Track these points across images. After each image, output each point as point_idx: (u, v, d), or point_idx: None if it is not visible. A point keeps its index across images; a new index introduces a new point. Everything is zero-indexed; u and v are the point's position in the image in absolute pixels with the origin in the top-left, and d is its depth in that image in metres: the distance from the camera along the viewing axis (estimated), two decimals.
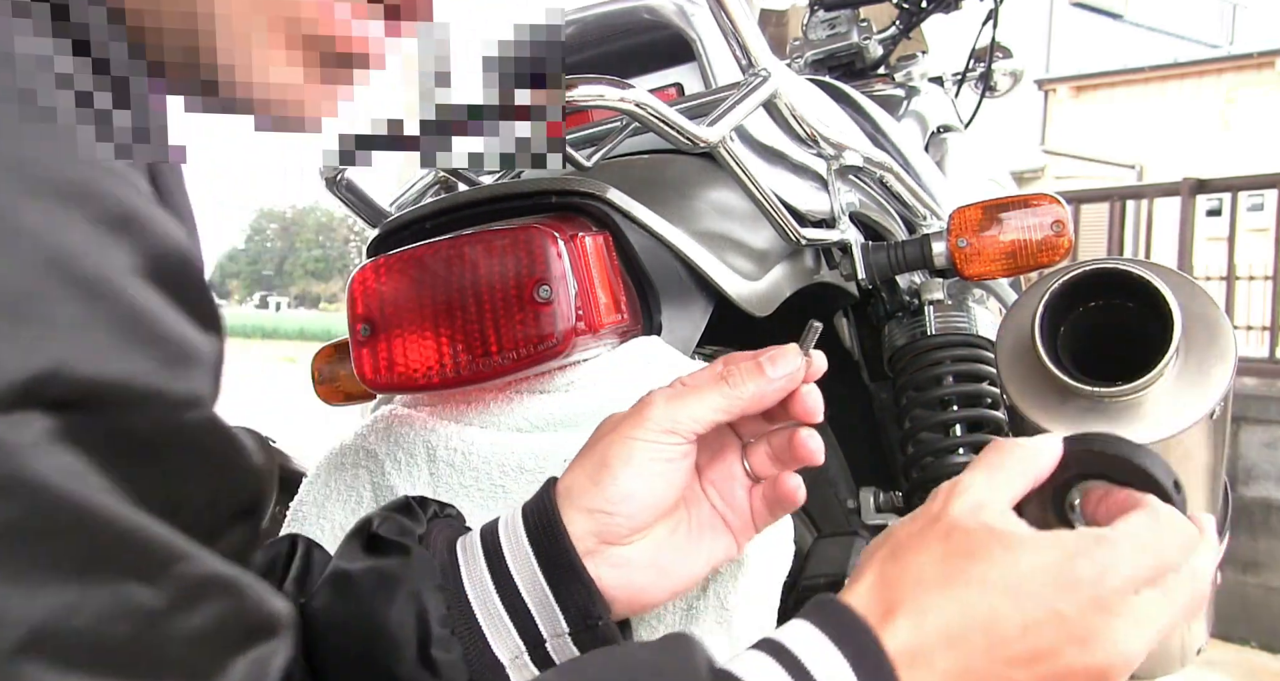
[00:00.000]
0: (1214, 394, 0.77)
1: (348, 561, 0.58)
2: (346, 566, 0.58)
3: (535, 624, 0.56)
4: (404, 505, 0.62)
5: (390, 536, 0.58)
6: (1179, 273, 0.80)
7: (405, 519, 0.60)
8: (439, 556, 0.58)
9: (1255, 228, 7.52)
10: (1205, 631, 1.11)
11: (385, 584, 0.56)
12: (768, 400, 0.59)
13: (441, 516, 0.63)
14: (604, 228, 0.85)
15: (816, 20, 1.88)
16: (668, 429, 0.57)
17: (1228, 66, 13.05)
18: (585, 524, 0.57)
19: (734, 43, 0.95)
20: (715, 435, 0.62)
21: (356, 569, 0.57)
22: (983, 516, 0.47)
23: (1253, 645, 3.55)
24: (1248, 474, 3.64)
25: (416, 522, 0.60)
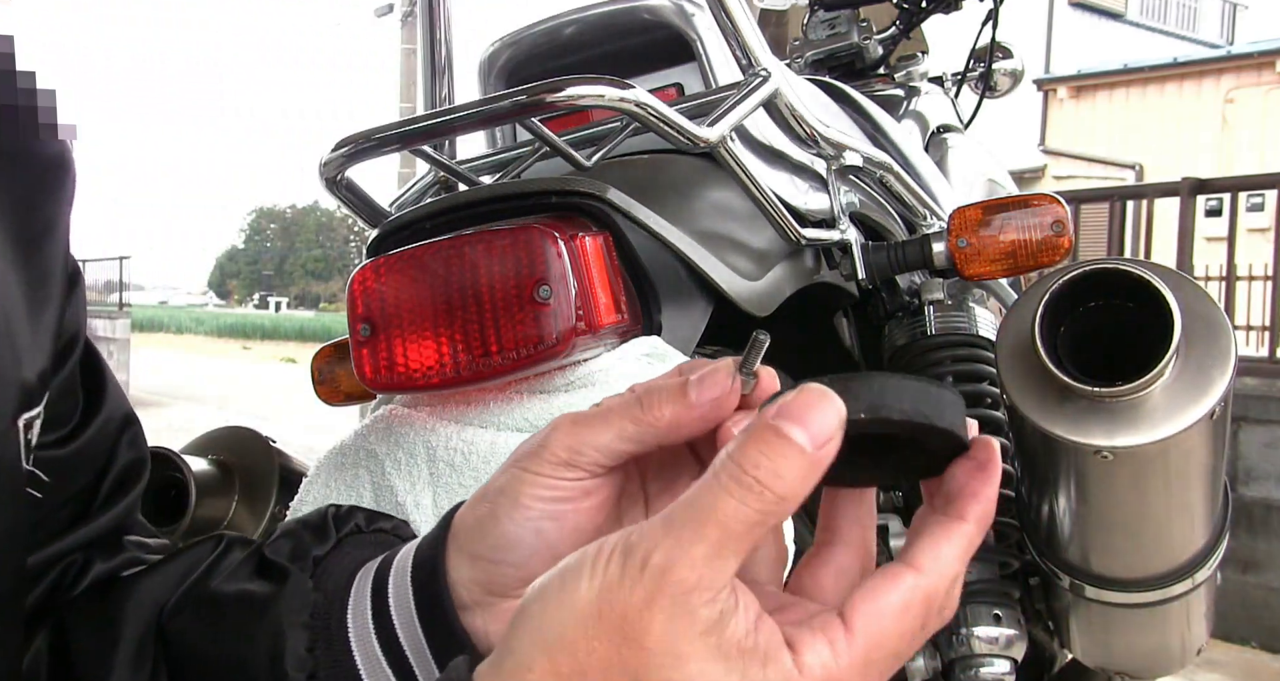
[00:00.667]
0: (1214, 394, 0.77)
1: (226, 580, 0.53)
2: (221, 586, 0.53)
3: (413, 671, 0.49)
4: (318, 520, 0.55)
5: (275, 558, 0.52)
6: (1179, 273, 0.80)
7: (309, 536, 0.54)
8: (332, 584, 0.51)
9: (1255, 228, 7.52)
10: (1205, 631, 1.11)
11: (249, 615, 0.50)
12: (688, 430, 0.43)
13: (366, 531, 0.56)
14: (604, 228, 0.85)
15: (816, 20, 1.88)
16: (564, 460, 0.45)
17: (1228, 66, 13.04)
18: (469, 571, 0.47)
19: (734, 43, 0.95)
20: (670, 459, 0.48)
21: (227, 592, 0.52)
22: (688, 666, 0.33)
23: (1253, 645, 3.55)
24: (1248, 474, 3.64)
25: (321, 541, 0.53)
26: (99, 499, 0.59)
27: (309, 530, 0.54)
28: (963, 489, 0.38)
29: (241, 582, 0.52)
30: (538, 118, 0.80)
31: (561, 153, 0.87)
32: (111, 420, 0.60)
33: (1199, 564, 0.96)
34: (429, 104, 1.17)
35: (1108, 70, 13.76)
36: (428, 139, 0.83)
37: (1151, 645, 1.09)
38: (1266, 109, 12.51)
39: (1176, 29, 17.48)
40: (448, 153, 1.15)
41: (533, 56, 1.26)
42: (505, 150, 1.16)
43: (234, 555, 0.55)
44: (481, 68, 1.28)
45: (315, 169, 0.88)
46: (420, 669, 0.49)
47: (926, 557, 0.36)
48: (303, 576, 0.51)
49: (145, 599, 0.54)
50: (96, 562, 0.57)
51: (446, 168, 1.02)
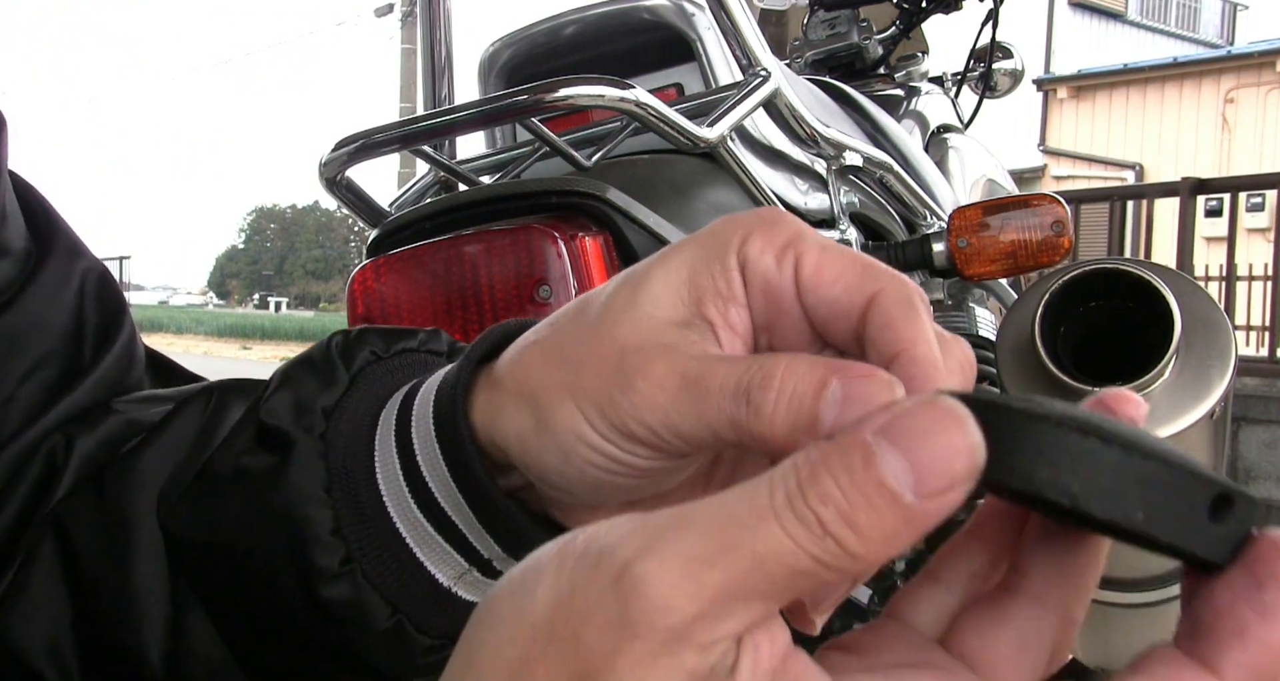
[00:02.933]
0: (1214, 394, 0.77)
1: (222, 454, 0.42)
2: (216, 463, 0.42)
3: (472, 544, 0.39)
4: (321, 357, 0.42)
5: (273, 421, 0.41)
6: (1179, 273, 0.80)
7: (312, 382, 0.41)
8: (348, 440, 0.40)
9: (1255, 228, 7.54)
10: None
11: (253, 497, 0.40)
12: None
13: (386, 357, 0.43)
14: (604, 228, 0.85)
15: (816, 20, 1.88)
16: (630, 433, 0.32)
17: (1228, 66, 13.05)
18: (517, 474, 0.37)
19: (734, 43, 0.95)
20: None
21: (225, 470, 0.42)
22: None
23: None
24: (1248, 474, 3.64)
25: (329, 385, 0.41)
26: (82, 364, 0.49)
27: (312, 373, 0.42)
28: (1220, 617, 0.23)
29: (238, 455, 0.41)
30: (538, 118, 0.81)
31: (561, 153, 0.87)
32: (64, 276, 0.50)
33: None
34: (429, 104, 1.17)
35: (1108, 70, 13.77)
36: (428, 139, 0.83)
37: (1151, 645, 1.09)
38: (1266, 109, 12.51)
39: (1176, 29, 17.49)
40: (448, 153, 1.15)
41: (533, 56, 1.26)
42: (505, 150, 1.16)
43: (231, 412, 0.45)
44: (481, 68, 1.28)
45: (315, 169, 0.88)
46: (479, 543, 0.39)
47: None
48: (310, 440, 0.40)
49: (146, 479, 0.44)
50: (80, 437, 0.46)
51: (446, 168, 1.02)
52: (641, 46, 1.21)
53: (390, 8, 14.20)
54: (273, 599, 0.40)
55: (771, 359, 0.29)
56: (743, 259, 0.32)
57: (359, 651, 0.40)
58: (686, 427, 0.30)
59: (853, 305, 0.30)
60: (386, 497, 0.39)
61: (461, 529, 0.38)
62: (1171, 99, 13.30)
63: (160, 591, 0.43)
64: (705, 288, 0.32)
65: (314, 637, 0.40)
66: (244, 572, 0.41)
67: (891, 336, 0.29)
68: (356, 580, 0.39)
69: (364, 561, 0.39)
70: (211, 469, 0.42)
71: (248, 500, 0.40)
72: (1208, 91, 13.06)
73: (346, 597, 0.39)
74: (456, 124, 0.81)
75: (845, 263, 0.31)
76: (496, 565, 0.39)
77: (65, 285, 0.50)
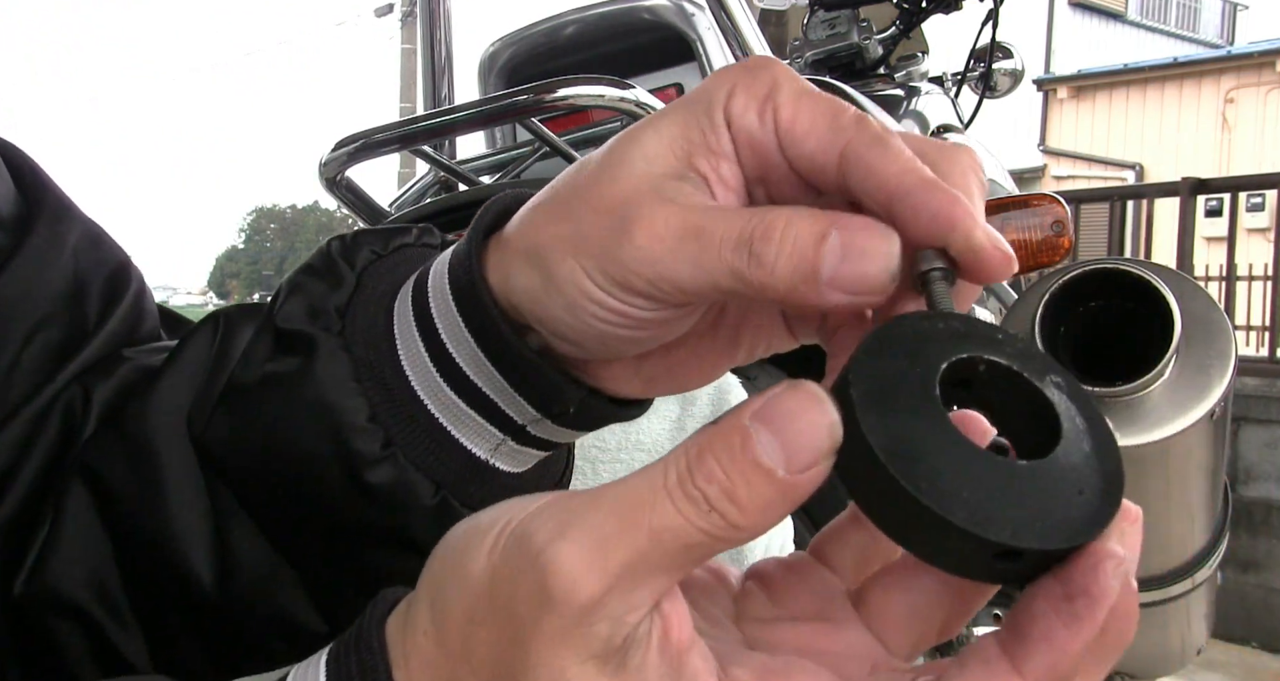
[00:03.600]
0: (1214, 394, 0.77)
1: (244, 366, 0.43)
2: (241, 375, 0.43)
3: (504, 411, 0.40)
4: (321, 261, 0.44)
5: (291, 326, 0.42)
6: (1179, 273, 0.81)
7: (319, 285, 0.43)
8: (368, 333, 0.41)
9: (1255, 228, 7.54)
10: (1205, 631, 1.11)
11: (285, 398, 0.41)
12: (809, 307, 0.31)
13: (386, 254, 0.44)
14: None
15: (816, 20, 1.88)
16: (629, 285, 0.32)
17: (1228, 66, 13.05)
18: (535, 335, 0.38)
19: (734, 43, 0.95)
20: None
21: (251, 379, 0.43)
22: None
23: (1253, 645, 3.55)
24: (1248, 474, 3.64)
25: (337, 284, 0.43)
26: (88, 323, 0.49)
27: (318, 278, 0.43)
28: (1033, 622, 0.25)
29: (262, 364, 0.42)
30: (538, 118, 0.81)
31: (561, 153, 0.87)
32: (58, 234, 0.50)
33: (1199, 564, 0.96)
34: (429, 104, 1.17)
35: (1108, 70, 13.77)
36: (428, 139, 0.83)
37: (1151, 645, 1.09)
38: (1266, 109, 12.52)
39: (1176, 29, 17.49)
40: (448, 153, 1.15)
41: (533, 56, 1.26)
42: (505, 150, 1.16)
43: (242, 332, 0.46)
44: (481, 68, 1.28)
45: (315, 169, 0.88)
46: (510, 408, 0.39)
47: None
48: (330, 339, 0.41)
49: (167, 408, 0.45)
50: (97, 387, 0.47)
51: (446, 168, 1.02)
52: (641, 46, 1.21)
53: (390, 8, 14.20)
54: (319, 491, 0.41)
55: (773, 212, 0.30)
56: (728, 115, 0.32)
57: (408, 531, 0.41)
58: (686, 278, 0.31)
59: (828, 160, 0.31)
60: (414, 381, 0.40)
61: (493, 397, 0.39)
62: (1171, 99, 13.30)
63: (199, 511, 0.44)
64: (696, 143, 0.33)
65: (363, 523, 0.41)
66: (288, 471, 0.41)
67: (875, 183, 0.30)
68: (399, 462, 0.40)
69: (403, 444, 0.40)
70: (238, 381, 0.43)
71: (281, 402, 0.41)
72: (1208, 91, 13.06)
73: (391, 480, 0.40)
74: (456, 124, 0.82)
75: (816, 114, 0.32)
76: (531, 430, 0.40)
77: (58, 247, 0.49)
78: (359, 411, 0.40)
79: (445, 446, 0.40)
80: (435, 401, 0.40)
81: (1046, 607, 0.25)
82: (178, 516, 0.44)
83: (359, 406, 0.40)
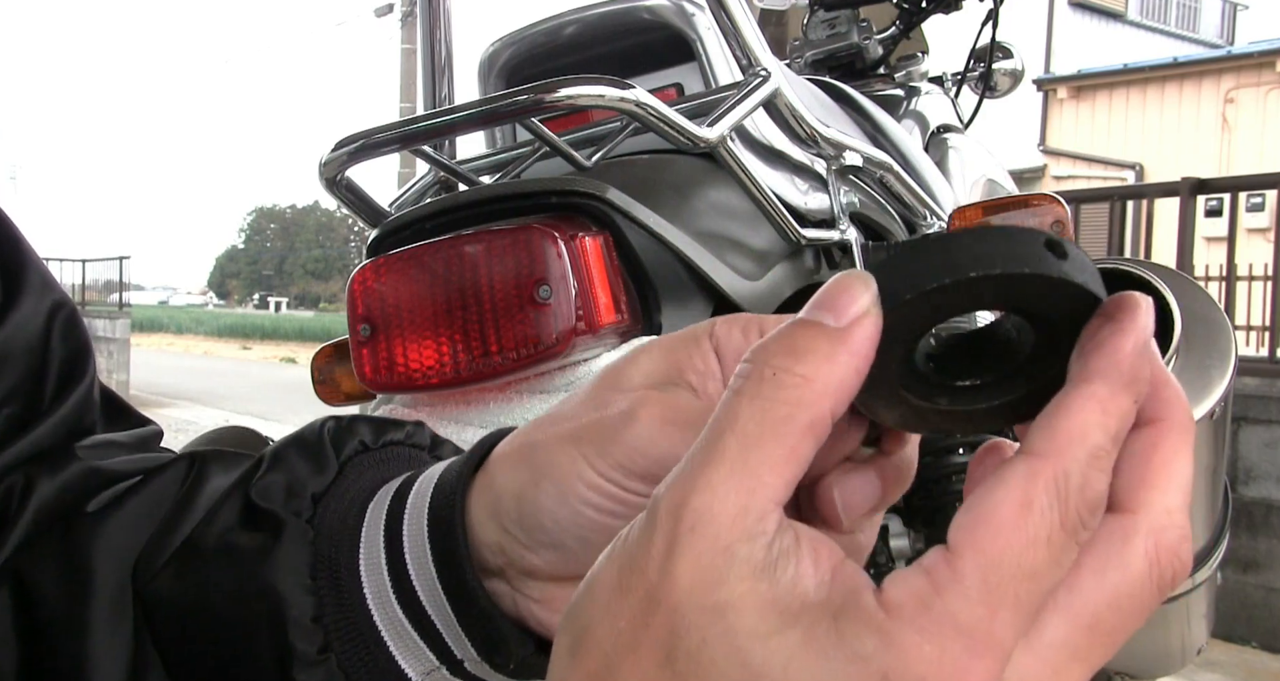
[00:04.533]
0: (1214, 394, 0.77)
1: (208, 527, 0.43)
2: (202, 536, 0.43)
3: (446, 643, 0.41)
4: (314, 441, 0.44)
5: (264, 503, 0.42)
6: (1179, 273, 0.80)
7: (304, 465, 0.43)
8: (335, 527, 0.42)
9: (1255, 228, 7.54)
10: (1205, 631, 1.11)
11: (239, 574, 0.41)
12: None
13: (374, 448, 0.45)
14: (604, 228, 0.85)
15: (816, 20, 1.88)
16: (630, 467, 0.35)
17: (1228, 66, 13.04)
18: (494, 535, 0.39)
19: (734, 43, 0.95)
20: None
21: (211, 544, 0.42)
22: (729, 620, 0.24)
23: (1253, 645, 3.55)
24: (1248, 474, 3.64)
25: (319, 469, 0.43)
26: (43, 403, 0.49)
27: (303, 457, 0.43)
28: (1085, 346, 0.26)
29: (225, 530, 0.42)
30: (538, 118, 0.81)
31: (561, 153, 0.87)
32: (35, 310, 0.50)
33: (1199, 564, 0.96)
34: (429, 104, 1.17)
35: (1108, 70, 13.76)
36: (428, 139, 0.83)
37: (1151, 645, 1.09)
38: (1266, 109, 12.51)
39: (1176, 29, 17.49)
40: (448, 153, 1.15)
41: (533, 56, 1.26)
42: (505, 150, 1.16)
43: (212, 482, 0.46)
44: (481, 68, 1.28)
45: (315, 169, 0.88)
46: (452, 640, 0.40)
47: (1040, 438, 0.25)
48: (299, 525, 0.41)
49: (116, 541, 0.45)
50: (41, 480, 0.47)
51: (446, 168, 1.02)
52: (641, 46, 1.21)
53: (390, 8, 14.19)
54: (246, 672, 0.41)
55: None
56: (715, 340, 0.37)
57: None
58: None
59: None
60: (367, 589, 0.41)
61: (439, 628, 0.40)
62: (1171, 99, 13.29)
63: (120, 652, 0.43)
64: (684, 364, 0.36)
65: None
66: (221, 644, 0.42)
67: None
68: (331, 668, 0.40)
69: (340, 650, 0.40)
70: (196, 540, 0.43)
71: (233, 575, 0.41)
72: (1208, 91, 13.06)
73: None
74: (456, 124, 0.81)
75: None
76: (467, 666, 0.41)
77: (34, 321, 0.50)
78: (306, 608, 0.40)
79: (380, 661, 0.41)
80: (382, 614, 0.40)
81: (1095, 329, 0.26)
82: (97, 649, 0.43)
83: (307, 604, 0.40)
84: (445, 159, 1.07)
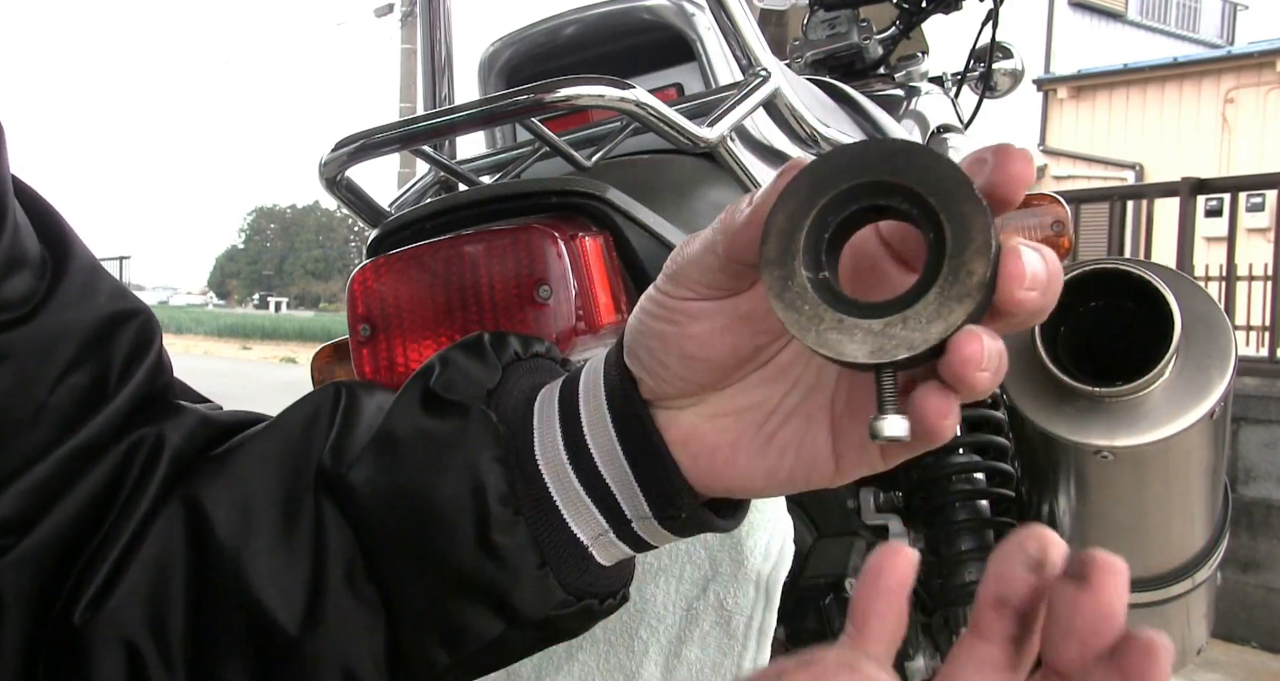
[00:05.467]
0: (1214, 394, 0.77)
1: (397, 420, 0.49)
2: (394, 427, 0.49)
3: (618, 504, 0.47)
4: (475, 345, 0.52)
5: (447, 395, 0.49)
6: (1179, 273, 0.81)
7: (474, 366, 0.50)
8: (509, 416, 0.48)
9: (1255, 228, 7.53)
10: (1205, 631, 1.11)
11: (436, 453, 0.47)
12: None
13: (525, 358, 0.52)
14: (604, 228, 0.85)
15: (816, 20, 1.88)
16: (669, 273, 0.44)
17: (1228, 66, 13.04)
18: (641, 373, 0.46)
19: (734, 43, 0.95)
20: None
21: (404, 432, 0.48)
22: None
23: (1253, 645, 3.55)
24: (1248, 474, 3.64)
25: (487, 370, 0.50)
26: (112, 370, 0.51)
27: (472, 359, 0.50)
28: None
29: (415, 421, 0.49)
30: (538, 118, 0.81)
31: (561, 153, 0.87)
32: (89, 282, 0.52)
33: (1199, 564, 0.96)
34: (429, 104, 1.17)
35: (1108, 70, 13.76)
36: (428, 139, 0.83)
37: None
38: (1266, 109, 12.51)
39: (1176, 29, 17.48)
40: (448, 153, 1.15)
41: (533, 56, 1.26)
42: (505, 150, 1.16)
43: (364, 398, 0.52)
44: (481, 68, 1.28)
45: (315, 169, 0.88)
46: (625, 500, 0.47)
47: None
48: (483, 410, 0.48)
49: (270, 454, 0.50)
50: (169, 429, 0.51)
51: (446, 168, 1.02)
52: (641, 46, 1.21)
53: (390, 8, 14.20)
54: (445, 541, 0.46)
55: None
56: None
57: (509, 596, 0.47)
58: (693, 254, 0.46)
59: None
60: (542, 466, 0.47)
61: (614, 491, 0.47)
62: (1171, 99, 13.29)
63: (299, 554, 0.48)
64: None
65: (475, 578, 0.46)
66: (425, 516, 0.47)
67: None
68: (522, 529, 0.46)
69: (529, 515, 0.47)
70: (388, 430, 0.49)
71: (431, 456, 0.47)
72: (1208, 91, 13.06)
73: (513, 545, 0.46)
74: (456, 124, 0.81)
75: None
76: (635, 526, 0.47)
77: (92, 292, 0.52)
78: (500, 479, 0.47)
79: (556, 526, 0.47)
80: (557, 486, 0.47)
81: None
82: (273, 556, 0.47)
83: (500, 475, 0.47)
84: (445, 159, 1.07)
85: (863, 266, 0.40)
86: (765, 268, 0.35)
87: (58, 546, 0.46)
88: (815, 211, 0.35)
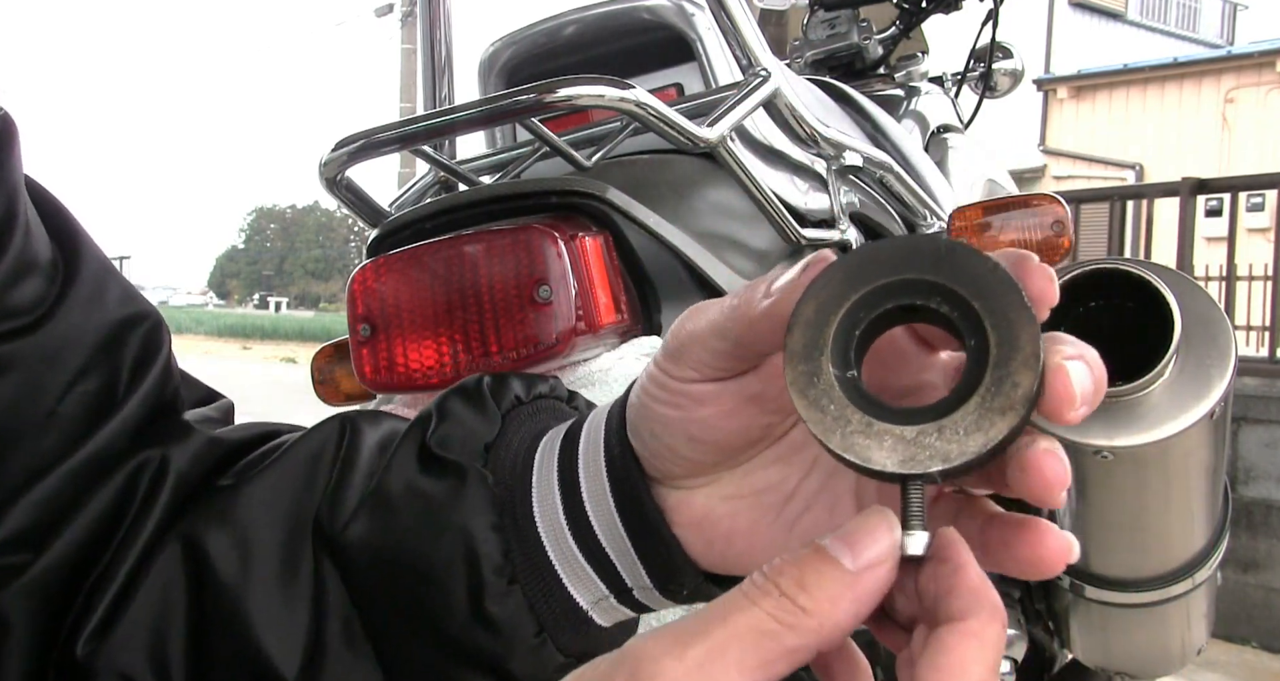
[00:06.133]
0: (1214, 394, 0.77)
1: (392, 477, 0.47)
2: (389, 485, 0.47)
3: (619, 573, 0.45)
4: (475, 392, 0.49)
5: (443, 453, 0.46)
6: (1179, 273, 0.80)
7: (472, 417, 0.48)
8: (507, 475, 0.46)
9: (1255, 228, 7.54)
10: (1205, 631, 1.11)
11: (431, 517, 0.45)
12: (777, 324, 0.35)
13: (527, 401, 0.50)
14: (604, 228, 0.85)
15: (816, 20, 1.88)
16: (671, 351, 0.40)
17: (1228, 66, 13.04)
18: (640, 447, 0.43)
19: (734, 43, 0.95)
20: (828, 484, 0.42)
21: (398, 491, 0.47)
22: None
23: (1253, 645, 3.55)
24: (1248, 474, 3.64)
25: (486, 421, 0.48)
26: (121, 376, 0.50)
27: (470, 409, 0.48)
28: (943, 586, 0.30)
29: (409, 478, 0.47)
30: (538, 118, 0.81)
31: (561, 153, 0.87)
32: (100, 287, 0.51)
33: (1199, 564, 0.96)
34: (429, 104, 1.17)
35: (1108, 70, 13.76)
36: (428, 139, 0.83)
37: (1151, 645, 1.09)
38: (1266, 109, 12.51)
39: (1176, 29, 17.48)
40: (448, 153, 1.15)
41: (533, 56, 1.26)
42: (505, 150, 1.16)
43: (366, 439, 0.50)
44: (481, 68, 1.28)
45: (315, 169, 0.88)
46: (625, 570, 0.44)
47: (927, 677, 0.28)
48: (482, 473, 0.46)
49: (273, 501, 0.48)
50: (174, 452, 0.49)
51: (446, 168, 1.02)
52: (641, 46, 1.21)
53: (390, 8, 14.20)
54: (438, 608, 0.45)
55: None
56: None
57: (506, 662, 0.45)
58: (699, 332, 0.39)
59: None
60: (540, 528, 0.45)
61: (613, 558, 0.45)
62: (1171, 99, 13.29)
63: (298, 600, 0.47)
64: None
65: (469, 645, 0.45)
66: (418, 581, 0.46)
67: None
68: (518, 599, 0.45)
69: (525, 583, 0.45)
70: (382, 489, 0.47)
71: (425, 518, 0.46)
72: (1208, 91, 13.06)
73: (508, 613, 0.45)
74: (456, 124, 0.81)
75: None
76: (636, 593, 0.45)
77: (101, 297, 0.51)
78: (495, 545, 0.45)
79: (554, 591, 0.45)
80: (555, 549, 0.45)
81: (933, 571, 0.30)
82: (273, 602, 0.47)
83: (495, 541, 0.45)
84: (445, 159, 1.07)
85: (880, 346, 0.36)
86: (790, 362, 0.32)
87: (64, 571, 0.46)
88: (848, 305, 0.32)
